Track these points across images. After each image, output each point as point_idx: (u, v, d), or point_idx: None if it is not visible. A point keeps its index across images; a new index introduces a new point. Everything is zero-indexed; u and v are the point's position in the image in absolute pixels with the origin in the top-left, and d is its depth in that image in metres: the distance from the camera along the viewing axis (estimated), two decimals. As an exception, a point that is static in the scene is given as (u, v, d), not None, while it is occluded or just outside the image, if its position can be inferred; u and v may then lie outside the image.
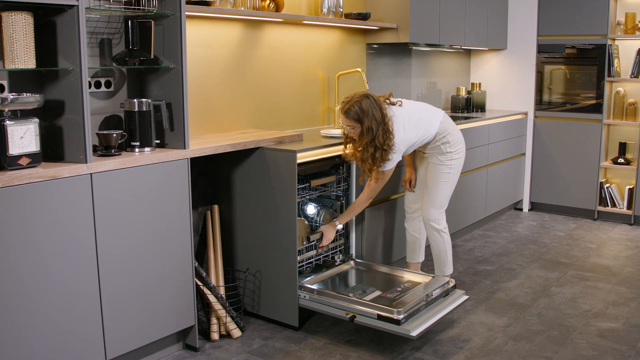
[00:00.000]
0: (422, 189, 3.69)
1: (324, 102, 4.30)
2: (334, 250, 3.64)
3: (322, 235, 3.42)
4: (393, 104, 3.36)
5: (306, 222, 3.48)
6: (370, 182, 3.37)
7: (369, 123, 3.17)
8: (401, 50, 4.99)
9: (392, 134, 3.24)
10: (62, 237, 2.39)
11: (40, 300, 2.34)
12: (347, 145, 3.35)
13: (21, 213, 2.26)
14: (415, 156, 3.72)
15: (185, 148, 2.87)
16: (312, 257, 3.52)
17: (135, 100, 2.81)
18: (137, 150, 2.80)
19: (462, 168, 3.59)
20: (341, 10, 4.08)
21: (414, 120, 3.37)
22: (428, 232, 3.62)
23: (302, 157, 3.18)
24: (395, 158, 3.31)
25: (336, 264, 3.56)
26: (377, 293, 3.17)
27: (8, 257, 2.23)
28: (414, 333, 2.84)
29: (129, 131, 2.80)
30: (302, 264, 3.42)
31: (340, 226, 3.46)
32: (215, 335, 3.12)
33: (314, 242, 3.46)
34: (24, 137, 2.35)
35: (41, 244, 2.33)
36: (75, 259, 2.44)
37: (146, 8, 2.78)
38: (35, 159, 2.39)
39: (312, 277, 3.35)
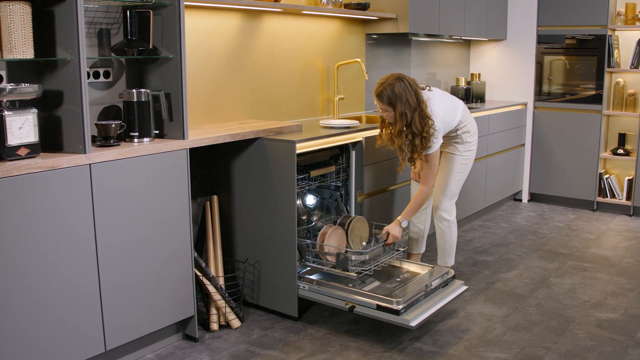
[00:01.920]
0: None
1: (323, 93, 4.29)
2: (399, 251, 3.46)
3: (388, 234, 3.34)
4: (422, 88, 3.31)
5: (364, 218, 3.42)
6: (422, 172, 3.33)
7: (402, 108, 3.09)
8: (401, 40, 4.97)
9: (430, 118, 3.17)
10: (61, 228, 2.39)
11: (39, 291, 2.34)
12: (383, 130, 3.30)
13: (20, 204, 2.25)
14: None
15: (184, 138, 2.86)
16: (379, 259, 3.31)
17: (134, 90, 2.80)
18: (136, 140, 2.79)
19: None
20: (340, 0, 4.07)
21: (447, 103, 3.36)
22: (437, 222, 3.60)
23: (302, 148, 3.17)
24: (437, 142, 3.24)
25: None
26: (377, 283, 3.17)
27: (7, 248, 2.23)
28: (413, 323, 2.85)
29: (128, 121, 2.79)
30: (368, 268, 3.22)
31: (405, 223, 3.35)
32: (214, 326, 3.12)
33: (381, 244, 3.31)
34: (23, 128, 2.35)
35: (40, 235, 2.32)
36: (74, 250, 2.44)
37: (145, -2, 2.77)
38: (34, 150, 2.39)
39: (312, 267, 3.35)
